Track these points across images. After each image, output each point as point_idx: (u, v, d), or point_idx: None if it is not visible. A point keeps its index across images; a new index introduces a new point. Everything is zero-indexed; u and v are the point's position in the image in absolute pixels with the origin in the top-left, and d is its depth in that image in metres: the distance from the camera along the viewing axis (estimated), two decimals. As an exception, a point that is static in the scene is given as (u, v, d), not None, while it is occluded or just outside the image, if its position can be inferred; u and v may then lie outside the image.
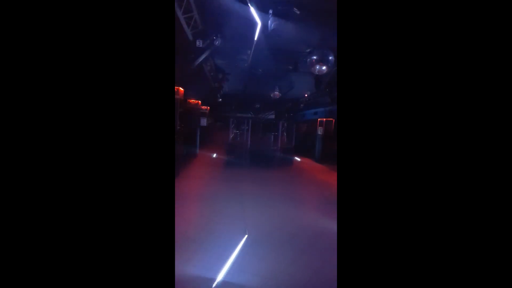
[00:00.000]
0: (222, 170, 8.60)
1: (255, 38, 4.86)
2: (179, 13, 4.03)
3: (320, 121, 10.94)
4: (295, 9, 3.71)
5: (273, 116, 12.94)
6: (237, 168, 8.95)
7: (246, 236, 2.82)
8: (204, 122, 13.07)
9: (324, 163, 10.57)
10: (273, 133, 11.69)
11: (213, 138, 13.82)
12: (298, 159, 10.67)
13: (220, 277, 2.68)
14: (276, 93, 8.57)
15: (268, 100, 10.53)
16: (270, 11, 3.81)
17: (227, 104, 11.75)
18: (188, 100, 10.10)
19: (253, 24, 4.51)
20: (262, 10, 3.95)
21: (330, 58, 4.62)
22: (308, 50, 5.12)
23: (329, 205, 5.66)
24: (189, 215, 4.36)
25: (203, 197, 5.55)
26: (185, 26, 4.34)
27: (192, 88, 8.00)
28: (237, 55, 5.49)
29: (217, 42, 4.57)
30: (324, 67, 4.69)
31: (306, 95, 10.24)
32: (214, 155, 10.71)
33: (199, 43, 4.45)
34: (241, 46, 5.32)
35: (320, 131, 10.97)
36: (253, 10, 3.99)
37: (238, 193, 5.89)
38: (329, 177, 8.45)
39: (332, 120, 10.70)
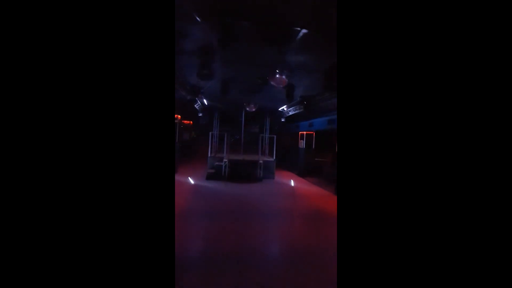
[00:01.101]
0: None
1: (214, 52, 4.87)
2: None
3: (301, 134, 10.91)
4: (245, 22, 3.72)
5: (257, 130, 12.91)
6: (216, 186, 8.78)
7: None
8: (187, 136, 13.03)
9: (306, 177, 10.45)
10: (256, 147, 11.59)
11: (195, 153, 13.70)
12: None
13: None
14: (252, 105, 8.57)
15: (248, 113, 10.53)
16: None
17: (208, 118, 11.74)
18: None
19: (210, 38, 4.53)
20: (212, 25, 3.96)
21: (287, 71, 4.62)
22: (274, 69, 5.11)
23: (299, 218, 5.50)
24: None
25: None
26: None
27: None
28: (202, 69, 5.47)
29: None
30: (283, 78, 4.67)
31: (285, 109, 10.26)
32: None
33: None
34: (205, 59, 5.32)
35: (301, 144, 10.92)
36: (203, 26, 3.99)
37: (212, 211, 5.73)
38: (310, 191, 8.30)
39: (312, 133, 10.68)
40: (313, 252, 3.72)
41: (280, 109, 10.38)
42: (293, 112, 9.56)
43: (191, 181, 8.76)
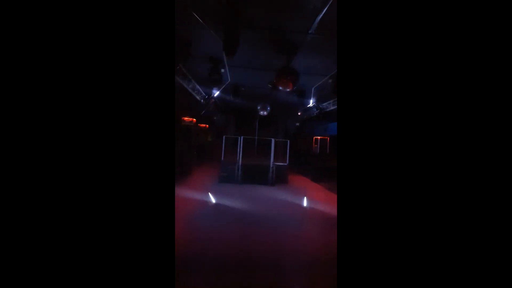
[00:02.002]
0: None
1: (224, 55, 4.94)
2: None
3: (315, 139, 10.76)
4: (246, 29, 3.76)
5: (270, 134, 12.87)
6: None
7: None
8: (202, 140, 13.22)
9: (319, 182, 10.23)
10: (270, 151, 11.53)
11: (211, 157, 13.83)
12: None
13: None
14: (264, 110, 8.57)
15: (262, 117, 10.54)
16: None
17: (223, 122, 11.89)
18: (182, 118, 10.33)
19: (217, 42, 4.61)
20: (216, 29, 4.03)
21: (293, 75, 4.59)
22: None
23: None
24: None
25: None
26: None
27: (180, 107, 8.17)
28: (211, 73, 5.58)
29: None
30: (289, 83, 4.65)
31: (299, 113, 10.17)
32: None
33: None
34: (213, 64, 5.43)
35: (316, 149, 10.75)
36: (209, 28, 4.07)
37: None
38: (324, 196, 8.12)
39: (326, 138, 10.49)
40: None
41: (295, 112, 10.23)
42: (307, 115, 9.41)
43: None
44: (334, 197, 8.02)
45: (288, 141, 10.42)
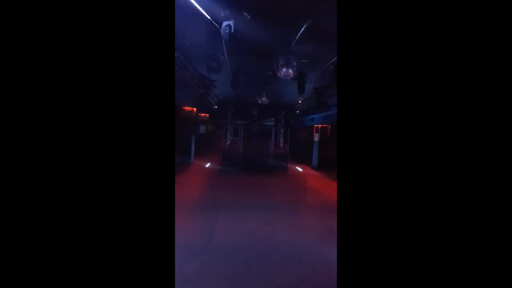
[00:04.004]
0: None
1: (223, 43, 4.87)
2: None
3: (316, 127, 10.73)
4: (245, 13, 3.68)
5: (272, 123, 12.85)
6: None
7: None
8: (203, 129, 13.18)
9: (320, 170, 10.28)
10: (270, 140, 11.54)
11: (212, 145, 13.85)
12: (299, 169, 9.02)
13: None
14: (264, 99, 8.49)
15: (262, 106, 10.48)
16: (222, 14, 3.79)
17: (223, 111, 11.82)
18: (182, 107, 10.27)
19: (216, 29, 4.52)
20: (214, 16, 3.95)
21: (294, 63, 4.52)
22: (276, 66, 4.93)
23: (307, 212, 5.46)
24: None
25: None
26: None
27: (178, 95, 8.12)
28: (210, 61, 5.50)
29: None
30: (290, 71, 4.59)
31: (300, 101, 10.09)
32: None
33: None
34: (211, 52, 5.34)
35: (316, 137, 10.73)
36: (207, 15, 3.99)
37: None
38: (323, 184, 8.19)
39: (328, 127, 10.44)
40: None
41: (296, 101, 10.07)
42: (308, 105, 9.32)
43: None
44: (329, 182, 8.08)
45: (288, 130, 10.40)
